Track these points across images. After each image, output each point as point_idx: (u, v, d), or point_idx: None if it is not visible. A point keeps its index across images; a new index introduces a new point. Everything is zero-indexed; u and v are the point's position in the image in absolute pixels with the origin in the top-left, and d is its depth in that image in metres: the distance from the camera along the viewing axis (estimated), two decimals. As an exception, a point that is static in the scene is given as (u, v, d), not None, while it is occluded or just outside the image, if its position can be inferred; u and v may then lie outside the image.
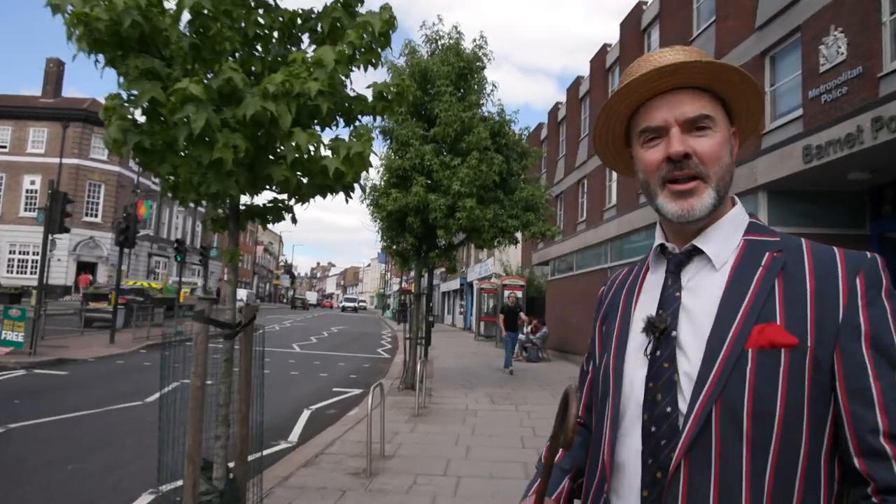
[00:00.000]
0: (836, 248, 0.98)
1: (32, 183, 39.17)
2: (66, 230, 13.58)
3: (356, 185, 3.66)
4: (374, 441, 6.20)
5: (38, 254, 37.53)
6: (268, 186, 3.43)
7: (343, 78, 3.21)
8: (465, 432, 7.56)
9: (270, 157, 3.27)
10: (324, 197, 3.67)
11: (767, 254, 0.99)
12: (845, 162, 7.63)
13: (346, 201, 3.73)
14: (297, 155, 3.06)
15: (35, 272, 36.98)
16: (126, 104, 2.83)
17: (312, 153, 3.11)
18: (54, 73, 41.43)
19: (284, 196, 3.71)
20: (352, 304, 70.94)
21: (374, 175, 10.49)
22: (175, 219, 52.46)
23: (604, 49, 20.87)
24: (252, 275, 72.58)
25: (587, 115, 21.81)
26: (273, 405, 9.68)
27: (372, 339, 26.28)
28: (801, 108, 10.53)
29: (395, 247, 11.05)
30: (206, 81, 2.82)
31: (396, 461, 6.10)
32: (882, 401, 0.87)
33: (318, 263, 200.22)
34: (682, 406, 0.94)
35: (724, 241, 1.02)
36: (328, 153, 3.26)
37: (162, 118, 2.88)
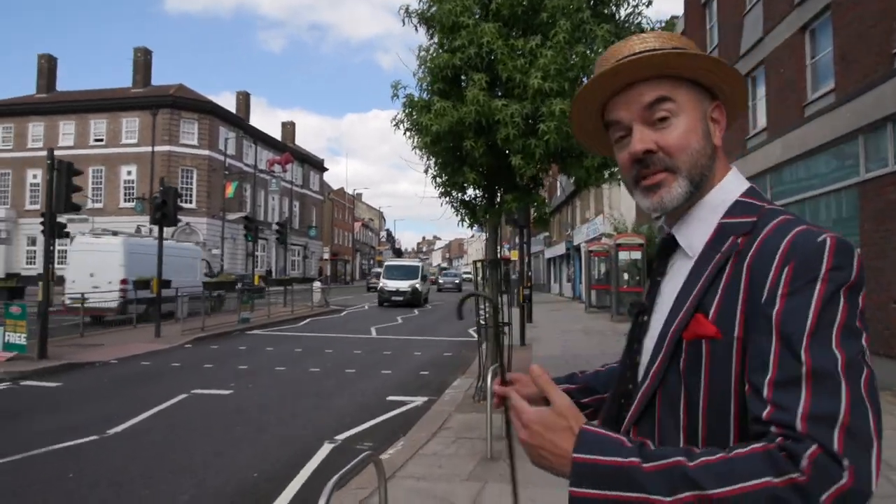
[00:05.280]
0: (795, 230, 0.88)
1: (129, 173, 39.52)
2: (77, 208, 11.32)
3: None
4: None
5: (139, 243, 37.78)
6: None
7: None
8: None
9: None
10: None
11: (731, 238, 0.95)
12: None
13: None
14: None
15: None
16: None
17: None
18: (142, 62, 41.69)
19: None
20: (403, 286, 28.15)
21: (410, 81, 6.97)
22: (271, 200, 51.99)
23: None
24: (353, 252, 71.93)
25: None
26: (285, 432, 6.38)
27: (466, 315, 23.08)
28: None
29: (454, 192, 7.46)
30: None
31: None
32: (771, 392, 0.80)
33: (424, 238, 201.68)
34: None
35: (697, 228, 1.01)
36: None
37: None
